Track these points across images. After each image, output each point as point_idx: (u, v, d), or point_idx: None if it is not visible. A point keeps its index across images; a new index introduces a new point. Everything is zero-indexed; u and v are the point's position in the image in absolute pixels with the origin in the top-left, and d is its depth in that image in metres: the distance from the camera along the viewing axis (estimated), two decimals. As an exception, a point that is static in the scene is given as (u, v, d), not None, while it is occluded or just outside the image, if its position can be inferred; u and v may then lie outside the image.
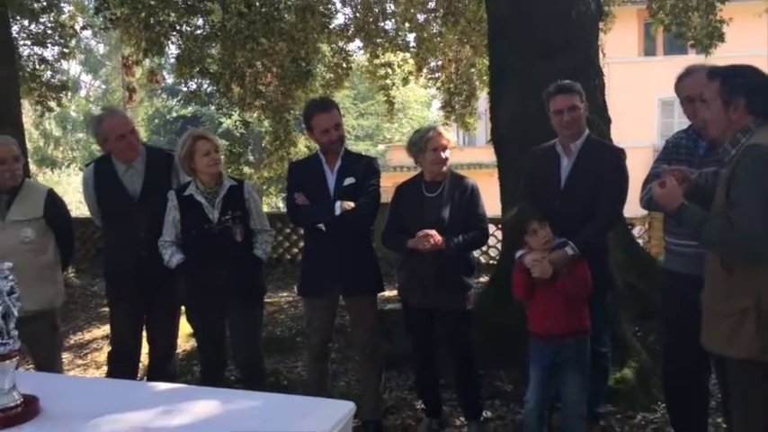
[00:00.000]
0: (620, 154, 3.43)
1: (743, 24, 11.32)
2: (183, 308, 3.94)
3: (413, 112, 31.08)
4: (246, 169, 13.11)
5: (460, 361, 3.80)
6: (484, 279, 6.15)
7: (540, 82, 3.83)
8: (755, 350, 2.31)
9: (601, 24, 9.68)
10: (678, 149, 3.22)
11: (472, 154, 21.54)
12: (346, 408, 2.30)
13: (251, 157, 20.12)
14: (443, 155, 3.59)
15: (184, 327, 4.08)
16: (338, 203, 3.65)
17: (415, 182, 3.79)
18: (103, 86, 29.14)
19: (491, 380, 4.45)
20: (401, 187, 3.89)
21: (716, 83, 2.47)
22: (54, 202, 3.83)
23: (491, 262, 8.22)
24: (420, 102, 31.06)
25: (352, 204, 3.64)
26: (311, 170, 3.84)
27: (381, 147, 28.52)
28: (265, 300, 7.34)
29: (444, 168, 3.66)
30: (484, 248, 8.45)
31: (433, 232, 3.47)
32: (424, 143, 3.61)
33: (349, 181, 3.74)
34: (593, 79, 4.92)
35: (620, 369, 4.19)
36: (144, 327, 4.03)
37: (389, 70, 11.30)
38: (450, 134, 3.70)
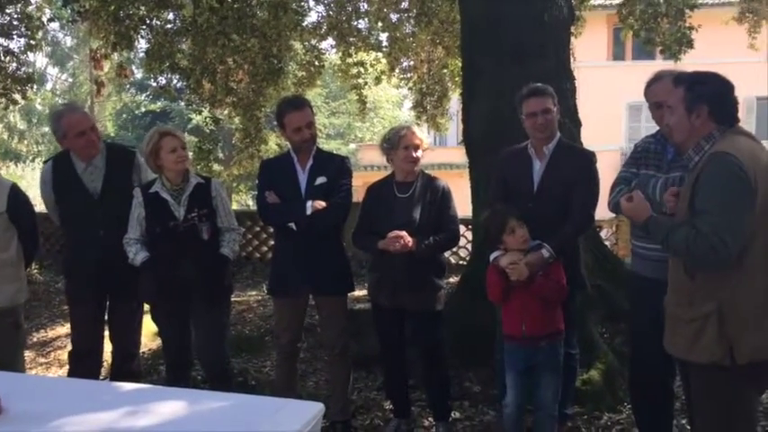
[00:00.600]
0: (591, 157, 3.46)
1: (712, 31, 11.53)
2: (147, 306, 3.88)
3: (384, 111, 31.08)
4: (216, 166, 12.94)
5: (430, 361, 3.79)
6: (454, 279, 6.15)
7: (512, 85, 3.85)
8: (718, 355, 2.34)
9: (572, 29, 9.85)
10: (647, 154, 3.25)
11: (443, 154, 21.59)
12: (315, 408, 2.28)
13: (221, 155, 19.96)
14: (415, 154, 3.59)
15: (151, 325, 4.02)
16: (309, 203, 3.62)
17: (387, 182, 3.78)
18: (70, 80, 28.60)
19: (460, 380, 4.45)
20: (372, 187, 3.88)
21: (680, 90, 2.49)
22: (17, 197, 3.74)
23: (461, 263, 8.24)
24: (391, 101, 31.08)
25: (323, 204, 3.62)
26: (283, 169, 3.81)
27: (352, 146, 28.48)
28: (234, 298, 7.31)
29: (416, 168, 3.65)
30: (454, 249, 8.48)
31: (404, 233, 3.46)
32: (396, 140, 3.60)
33: (320, 180, 3.71)
34: (564, 83, 4.95)
35: (587, 370, 4.22)
36: (106, 325, 3.96)
37: (362, 69, 11.26)
38: (424, 135, 3.69)
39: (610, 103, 19.68)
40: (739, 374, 2.35)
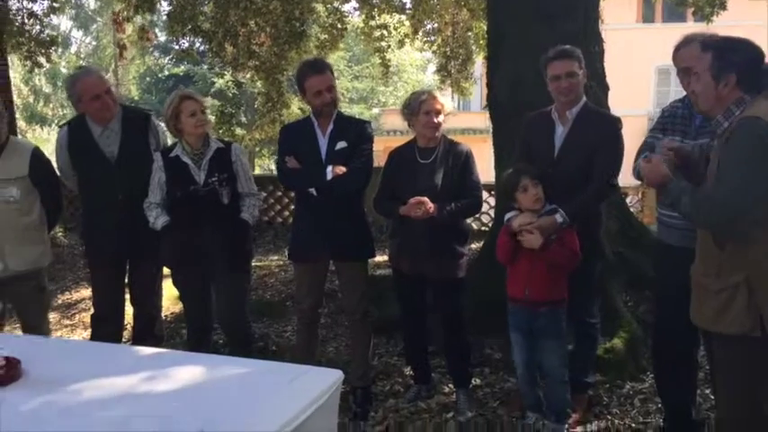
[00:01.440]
0: (616, 123, 3.36)
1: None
2: (169, 270, 3.89)
3: (408, 75, 30.72)
4: (239, 130, 12.93)
5: (450, 328, 3.78)
6: (477, 246, 6.11)
7: (538, 47, 3.72)
8: (747, 325, 2.30)
9: (600, -10, 9.59)
10: (674, 119, 3.16)
11: (467, 119, 21.43)
12: (334, 376, 2.28)
13: (243, 119, 19.94)
14: (436, 119, 3.52)
15: (173, 289, 4.04)
16: (330, 168, 3.58)
17: (409, 147, 3.73)
18: (94, 43, 28.65)
19: (481, 347, 4.44)
20: (394, 153, 3.83)
21: (708, 56, 2.39)
22: (40, 161, 3.75)
23: (482, 228, 8.19)
24: (415, 65, 30.70)
25: (343, 169, 3.57)
26: (303, 133, 3.76)
27: (376, 110, 28.28)
28: (256, 263, 7.34)
29: (438, 134, 3.59)
30: (476, 215, 8.42)
31: (425, 199, 3.42)
32: (417, 106, 3.54)
33: (341, 145, 3.66)
34: (593, 46, 4.83)
35: (609, 339, 4.18)
36: (128, 289, 3.99)
37: (385, 32, 11.10)
38: (446, 99, 3.62)
39: (638, 66, 19.31)
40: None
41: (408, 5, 10.96)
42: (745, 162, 2.22)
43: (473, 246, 6.15)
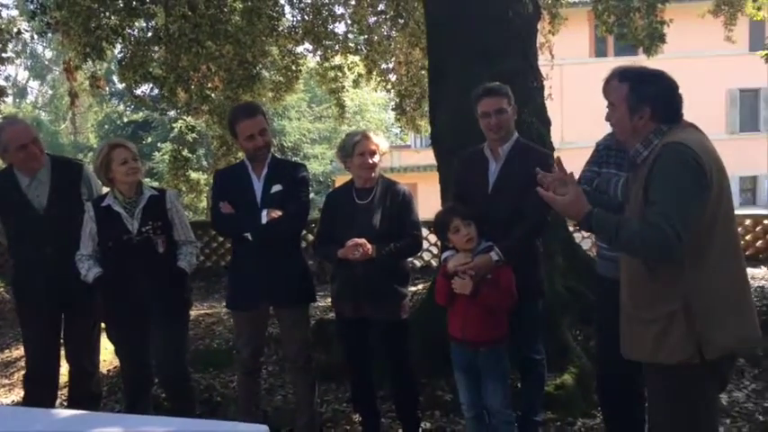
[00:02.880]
0: (548, 158, 3.35)
1: (692, 24, 11.50)
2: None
3: (370, 114, 30.99)
4: (194, 174, 12.81)
5: (396, 371, 3.70)
6: (423, 284, 6.06)
7: (477, 85, 3.74)
8: (688, 353, 2.27)
9: (548, 26, 9.79)
10: (608, 152, 3.18)
11: (429, 156, 21.53)
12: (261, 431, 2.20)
13: (204, 162, 19.85)
14: (371, 160, 3.48)
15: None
16: (265, 212, 3.51)
17: (346, 189, 3.68)
18: (51, 92, 28.43)
19: (432, 389, 4.36)
20: (332, 194, 3.79)
21: (624, 87, 2.41)
22: None
23: (429, 265, 8.14)
24: (377, 104, 30.98)
25: (279, 213, 3.50)
26: (237, 178, 3.70)
27: (338, 150, 28.29)
28: (205, 311, 7.18)
29: (374, 174, 3.55)
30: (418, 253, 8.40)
31: (363, 241, 3.36)
32: (351, 147, 3.50)
33: (276, 188, 3.60)
34: (531, 81, 4.88)
35: (560, 375, 4.14)
36: (63, 345, 3.84)
37: (339, 73, 11.17)
38: (381, 140, 3.58)
39: (593, 99, 19.64)
40: (707, 371, 2.30)
41: (362, 46, 11.06)
42: (678, 184, 2.21)
43: (420, 285, 6.12)
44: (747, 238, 9.34)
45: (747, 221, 9.46)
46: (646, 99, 2.36)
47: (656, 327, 2.32)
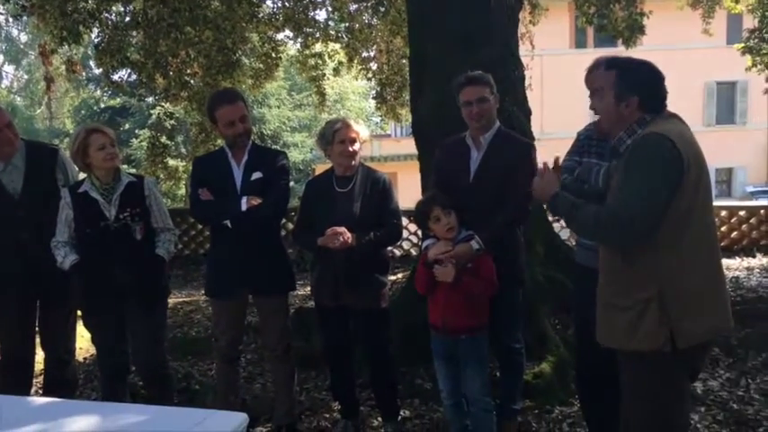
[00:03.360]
0: (529, 148, 3.37)
1: (671, 17, 11.57)
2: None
3: (351, 103, 30.89)
4: (172, 162, 12.69)
5: (376, 360, 3.70)
6: (402, 273, 6.06)
7: (458, 73, 3.73)
8: (660, 341, 2.28)
9: (529, 16, 9.81)
10: (589, 141, 3.17)
11: (409, 145, 21.52)
12: (238, 419, 2.21)
13: (183, 150, 19.65)
14: (351, 148, 3.46)
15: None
16: (244, 199, 3.48)
17: (326, 177, 3.66)
18: (26, 77, 27.98)
19: (411, 378, 4.37)
20: (312, 182, 3.77)
21: (612, 74, 2.41)
22: None
23: (405, 255, 8.16)
24: (358, 93, 30.89)
25: (258, 200, 3.48)
26: (217, 165, 3.66)
27: (318, 138, 28.17)
28: (184, 299, 7.13)
29: (354, 162, 3.53)
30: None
31: (342, 229, 3.34)
32: (331, 135, 3.48)
33: (256, 176, 3.57)
34: (512, 71, 4.88)
35: (538, 363, 4.17)
36: (39, 333, 3.79)
37: (320, 61, 11.11)
38: (361, 127, 3.56)
39: (573, 90, 19.76)
40: (678, 359, 2.32)
41: (343, 34, 11.00)
42: (646, 173, 2.22)
43: (399, 275, 6.10)
44: (723, 229, 9.47)
45: (723, 213, 9.59)
46: (633, 87, 2.37)
47: (631, 314, 2.33)
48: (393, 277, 6.36)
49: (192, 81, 10.03)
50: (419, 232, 6.86)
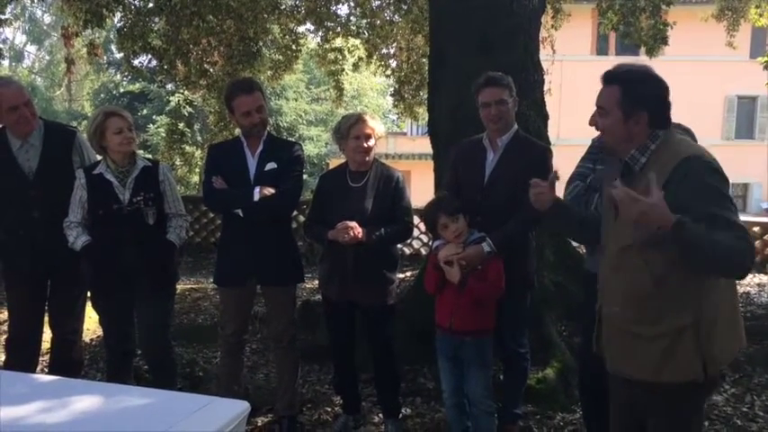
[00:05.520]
0: (546, 153, 3.35)
1: (694, 28, 11.46)
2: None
3: (368, 99, 30.89)
4: (189, 148, 12.74)
5: (379, 357, 3.70)
6: (411, 272, 6.05)
7: (477, 75, 3.72)
8: (696, 371, 2.12)
9: (551, 21, 9.75)
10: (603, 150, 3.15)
11: (424, 144, 21.51)
12: (240, 407, 2.20)
13: (199, 138, 19.73)
14: (366, 144, 3.46)
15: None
16: (257, 189, 3.48)
17: (340, 171, 3.66)
18: (48, 57, 28.15)
19: (414, 376, 4.37)
20: (326, 175, 3.77)
21: (615, 89, 2.20)
22: None
23: (414, 254, 8.15)
24: (375, 89, 30.89)
25: (271, 190, 3.48)
26: (232, 153, 3.66)
27: (334, 133, 28.20)
28: (192, 286, 7.14)
29: (368, 158, 3.52)
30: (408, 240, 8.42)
31: (354, 224, 3.34)
32: (346, 130, 3.47)
33: (271, 166, 3.57)
34: (531, 75, 4.86)
35: (542, 369, 4.16)
36: (47, 311, 3.82)
37: (339, 56, 11.11)
38: (377, 124, 3.56)
39: (592, 97, 19.63)
40: (707, 387, 2.24)
41: (363, 30, 10.99)
42: (729, 199, 2.07)
43: (408, 273, 6.08)
44: (736, 244, 9.36)
45: (737, 228, 9.48)
46: (642, 102, 2.16)
47: (662, 343, 2.15)
48: (401, 275, 6.36)
49: (211, 70, 10.05)
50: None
